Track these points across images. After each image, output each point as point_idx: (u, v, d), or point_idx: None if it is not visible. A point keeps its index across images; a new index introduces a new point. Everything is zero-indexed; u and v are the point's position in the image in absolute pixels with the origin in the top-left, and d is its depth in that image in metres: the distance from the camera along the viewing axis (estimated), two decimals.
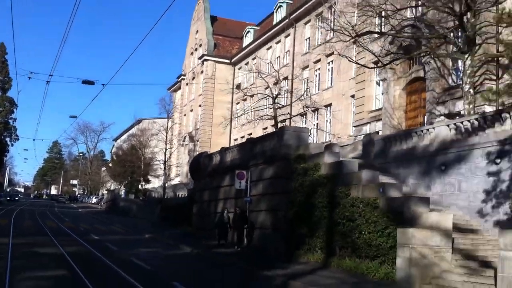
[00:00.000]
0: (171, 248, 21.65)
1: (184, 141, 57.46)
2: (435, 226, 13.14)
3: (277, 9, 46.40)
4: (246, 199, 21.26)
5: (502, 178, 15.15)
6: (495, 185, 15.31)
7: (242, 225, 21.22)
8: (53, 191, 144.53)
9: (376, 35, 24.27)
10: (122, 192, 64.86)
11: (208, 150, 41.65)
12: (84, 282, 11.46)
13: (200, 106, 54.12)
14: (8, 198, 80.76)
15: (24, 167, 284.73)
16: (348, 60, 24.67)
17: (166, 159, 52.13)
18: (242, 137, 46.11)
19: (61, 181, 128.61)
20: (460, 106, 21.19)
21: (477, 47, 19.34)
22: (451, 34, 21.19)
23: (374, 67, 25.74)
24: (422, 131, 18.72)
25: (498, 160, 15.37)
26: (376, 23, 24.38)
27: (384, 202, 14.71)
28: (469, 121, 16.65)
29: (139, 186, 61.96)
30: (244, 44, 51.67)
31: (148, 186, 64.49)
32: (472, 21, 18.92)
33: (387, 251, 13.96)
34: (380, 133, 26.85)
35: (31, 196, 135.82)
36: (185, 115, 60.12)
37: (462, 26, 18.64)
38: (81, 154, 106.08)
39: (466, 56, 18.93)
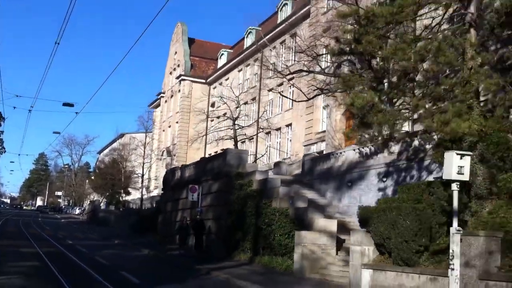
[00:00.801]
0: (133, 250, 25.79)
1: (162, 155, 61.60)
2: (323, 229, 17.47)
3: (247, 34, 50.93)
4: (197, 209, 25.48)
5: (387, 193, 19.54)
6: (382, 198, 19.66)
7: (201, 232, 25.27)
8: (39, 202, 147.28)
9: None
10: (103, 204, 68.64)
11: (185, 164, 45.85)
12: (51, 269, 15.61)
13: (177, 122, 58.34)
14: None
15: (11, 179, 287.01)
16: (280, 95, 29.14)
17: (144, 173, 56.18)
18: (216, 152, 50.33)
19: (47, 193, 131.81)
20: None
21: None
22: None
23: (306, 100, 29.76)
24: (337, 153, 23.14)
25: (384, 179, 19.77)
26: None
27: (292, 211, 19.05)
28: (368, 146, 21.07)
29: (120, 198, 65.81)
30: (219, 66, 56.11)
31: (129, 197, 68.33)
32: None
33: (291, 249, 18.24)
34: (324, 152, 31.23)
35: (14, 207, 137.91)
36: (163, 130, 64.35)
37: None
38: (66, 166, 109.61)
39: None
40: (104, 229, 46.75)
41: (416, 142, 18.97)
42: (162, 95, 65.58)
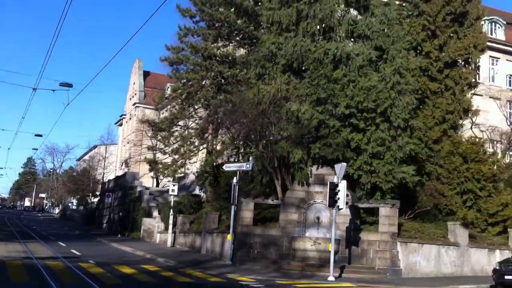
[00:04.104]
0: (71, 232, 43.87)
1: (122, 165, 79.78)
2: (157, 216, 35.64)
3: None
4: (110, 208, 43.67)
5: None
6: None
7: (124, 222, 42.97)
8: (27, 203, 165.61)
9: None
10: (74, 204, 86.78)
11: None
12: (14, 234, 33.83)
13: (132, 140, 76.51)
14: None
15: (0, 181, 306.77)
16: None
17: (105, 180, 74.37)
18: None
19: (34, 194, 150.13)
20: None
21: None
22: None
23: None
24: None
25: None
26: None
27: (147, 208, 37.20)
28: None
29: (88, 200, 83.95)
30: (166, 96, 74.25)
31: (96, 199, 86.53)
32: None
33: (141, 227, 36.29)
34: None
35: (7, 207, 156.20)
36: (124, 145, 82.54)
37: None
38: (51, 170, 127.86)
39: None
40: (67, 222, 65.05)
41: None
42: (124, 116, 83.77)
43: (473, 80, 26.12)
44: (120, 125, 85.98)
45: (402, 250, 21.52)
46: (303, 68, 22.70)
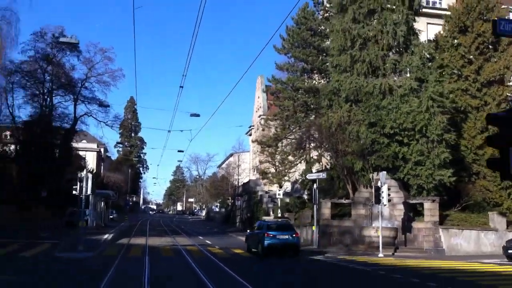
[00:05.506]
0: (210, 229, 54.99)
1: (254, 171, 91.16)
2: None
3: None
4: (240, 209, 54.07)
5: None
6: None
7: (250, 220, 53.59)
8: (179, 207, 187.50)
9: None
10: (217, 207, 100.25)
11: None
12: (166, 230, 45.45)
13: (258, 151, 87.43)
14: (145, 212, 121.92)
15: (155, 188, 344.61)
16: None
17: (239, 184, 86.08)
18: None
19: (184, 199, 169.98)
20: None
21: None
22: None
23: None
24: None
25: None
26: None
27: (266, 208, 46.84)
28: None
29: (228, 203, 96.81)
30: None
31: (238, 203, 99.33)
32: None
33: None
34: None
35: (157, 212, 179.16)
36: (254, 153, 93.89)
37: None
38: (197, 177, 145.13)
39: None
40: (209, 222, 77.72)
41: None
42: (252, 126, 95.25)
43: (508, 94, 31.53)
44: (250, 134, 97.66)
45: (444, 235, 28.27)
46: (358, 99, 30.37)
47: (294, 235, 25.73)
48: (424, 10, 40.88)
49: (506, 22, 8.05)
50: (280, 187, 60.99)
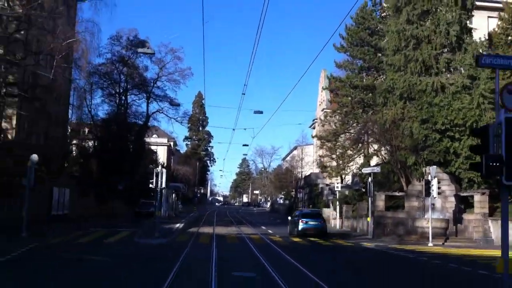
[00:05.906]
0: (273, 220, 57.79)
1: (317, 164, 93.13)
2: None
3: None
4: (302, 201, 56.49)
5: None
6: None
7: None
8: (245, 199, 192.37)
9: None
10: (281, 199, 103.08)
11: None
12: (231, 220, 48.65)
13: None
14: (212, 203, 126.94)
15: (221, 181, 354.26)
16: None
17: (302, 177, 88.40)
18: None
19: (250, 191, 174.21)
20: None
21: None
22: None
23: None
24: None
25: None
26: None
27: (326, 200, 49.02)
28: None
29: (292, 195, 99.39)
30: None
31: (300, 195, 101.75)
32: None
33: None
34: None
35: (223, 204, 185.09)
36: (317, 146, 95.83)
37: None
38: (262, 170, 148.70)
39: None
40: (273, 214, 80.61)
41: None
42: (315, 120, 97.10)
43: None
44: (313, 128, 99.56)
45: (493, 226, 29.49)
46: (412, 97, 31.97)
47: (321, 222, 32.49)
48: (484, 3, 41.63)
49: (486, 57, 10.08)
50: (341, 180, 62.93)
